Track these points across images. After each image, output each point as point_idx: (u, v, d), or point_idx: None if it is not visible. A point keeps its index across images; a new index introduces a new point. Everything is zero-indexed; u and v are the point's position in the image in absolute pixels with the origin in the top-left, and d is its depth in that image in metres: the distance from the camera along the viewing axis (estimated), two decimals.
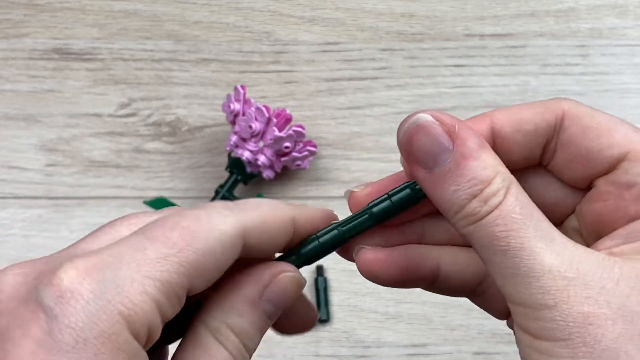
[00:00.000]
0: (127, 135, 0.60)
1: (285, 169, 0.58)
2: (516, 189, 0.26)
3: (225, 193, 0.56)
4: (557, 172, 0.29)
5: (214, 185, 0.58)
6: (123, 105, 0.61)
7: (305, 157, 0.56)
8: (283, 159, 0.56)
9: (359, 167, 0.59)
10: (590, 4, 0.63)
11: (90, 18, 0.63)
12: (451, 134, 0.26)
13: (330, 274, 0.56)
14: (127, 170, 0.59)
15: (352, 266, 0.59)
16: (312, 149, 0.57)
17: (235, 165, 0.56)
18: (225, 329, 0.27)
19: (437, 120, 0.26)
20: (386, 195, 0.29)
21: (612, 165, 0.28)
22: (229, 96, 0.57)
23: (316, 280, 0.55)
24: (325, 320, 0.55)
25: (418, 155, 0.26)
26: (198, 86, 0.61)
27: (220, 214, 0.26)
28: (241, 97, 0.56)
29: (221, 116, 0.59)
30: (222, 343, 0.26)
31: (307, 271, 0.56)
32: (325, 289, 0.55)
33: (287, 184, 0.58)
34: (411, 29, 0.62)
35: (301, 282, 0.28)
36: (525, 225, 0.25)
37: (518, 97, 0.60)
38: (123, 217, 0.27)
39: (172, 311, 0.25)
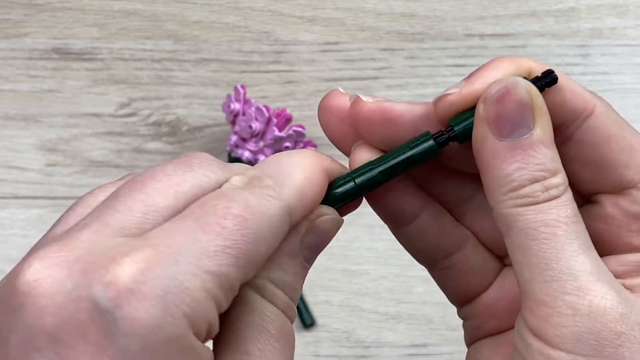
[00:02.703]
0: (127, 135, 0.60)
1: None
2: (571, 194, 0.25)
3: None
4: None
5: None
6: (123, 105, 0.61)
7: None
8: None
9: None
10: (591, 3, 0.63)
11: (90, 18, 0.63)
12: (535, 114, 0.25)
13: (330, 274, 0.56)
14: (127, 170, 0.59)
15: (353, 266, 0.59)
16: (312, 149, 0.57)
17: None
18: (270, 285, 0.25)
19: (530, 95, 0.25)
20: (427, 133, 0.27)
21: (622, 187, 0.27)
22: (229, 96, 0.57)
23: None
24: (312, 324, 0.55)
25: (500, 118, 0.25)
26: (198, 86, 0.61)
27: (265, 196, 0.24)
28: (241, 97, 0.56)
29: (221, 116, 0.59)
30: (269, 299, 0.25)
31: None
32: (301, 295, 0.55)
33: None
34: (411, 28, 0.62)
35: (339, 222, 0.27)
36: (576, 225, 0.25)
37: None
38: (151, 177, 0.24)
39: (227, 304, 0.23)
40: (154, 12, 0.63)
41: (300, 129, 0.55)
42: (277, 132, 0.55)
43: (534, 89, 0.25)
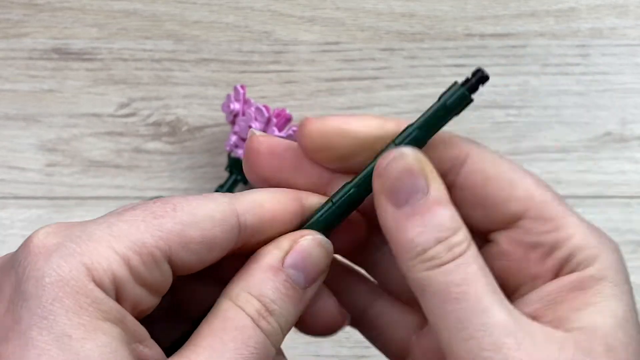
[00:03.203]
0: (127, 135, 0.60)
1: None
2: (475, 248, 0.26)
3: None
4: None
5: (214, 185, 0.58)
6: (123, 105, 0.61)
7: None
8: None
9: None
10: (591, 3, 0.63)
11: (90, 18, 0.63)
12: (427, 178, 0.26)
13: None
14: (126, 170, 0.59)
15: (352, 266, 0.59)
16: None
17: (235, 165, 0.56)
18: (244, 294, 0.26)
19: (419, 162, 0.26)
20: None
21: (511, 221, 0.28)
22: (228, 96, 0.57)
23: None
24: None
25: (394, 189, 0.26)
26: (198, 86, 0.61)
27: (211, 197, 0.26)
28: (241, 97, 0.56)
29: (221, 116, 0.59)
30: (240, 306, 0.26)
31: None
32: None
33: None
34: (411, 28, 0.62)
35: (325, 245, 0.28)
36: (484, 280, 0.25)
37: (518, 97, 0.60)
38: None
39: (149, 273, 0.24)
40: (154, 12, 0.63)
41: None
42: (276, 132, 0.55)
43: (420, 155, 0.26)
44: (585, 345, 0.25)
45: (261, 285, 0.26)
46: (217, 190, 0.56)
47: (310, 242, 0.27)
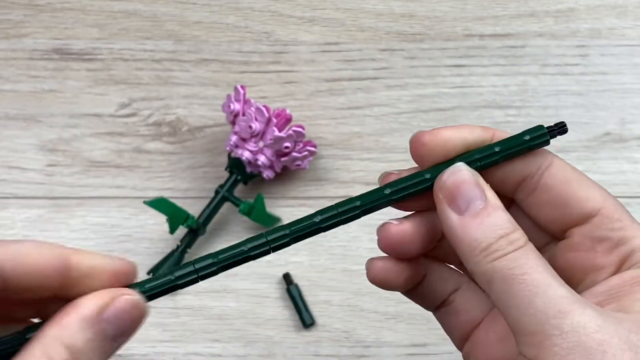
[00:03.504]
0: (128, 135, 0.60)
1: (285, 169, 0.58)
2: (532, 244, 0.30)
3: (225, 193, 0.56)
4: (531, 212, 0.34)
5: (214, 185, 0.58)
6: (123, 106, 0.61)
7: (305, 157, 0.57)
8: (283, 159, 0.56)
9: (359, 167, 0.59)
10: (590, 4, 0.63)
11: (91, 18, 0.63)
12: (482, 188, 0.31)
13: (330, 274, 0.56)
14: (127, 170, 0.59)
15: (353, 266, 0.59)
16: (312, 149, 0.57)
17: (235, 165, 0.57)
18: (55, 342, 0.27)
19: (473, 174, 0.32)
20: (264, 239, 0.33)
21: (586, 217, 0.32)
22: (229, 96, 0.57)
23: (288, 290, 0.55)
24: (312, 323, 0.55)
25: (455, 198, 0.31)
26: (198, 86, 0.61)
27: None
28: (241, 97, 0.56)
29: (221, 116, 0.60)
30: (50, 355, 0.27)
31: (277, 283, 0.56)
32: (300, 295, 0.55)
33: (287, 184, 0.59)
34: (411, 29, 0.62)
35: (142, 307, 0.30)
36: (544, 266, 0.29)
37: (518, 97, 0.60)
38: None
39: None
40: (155, 12, 0.63)
41: (300, 129, 0.56)
42: (277, 132, 0.55)
43: (472, 169, 0.32)
44: None
45: (74, 336, 0.27)
46: (217, 190, 0.57)
47: (128, 302, 0.29)
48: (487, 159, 0.32)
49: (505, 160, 0.33)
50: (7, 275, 0.28)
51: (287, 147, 0.55)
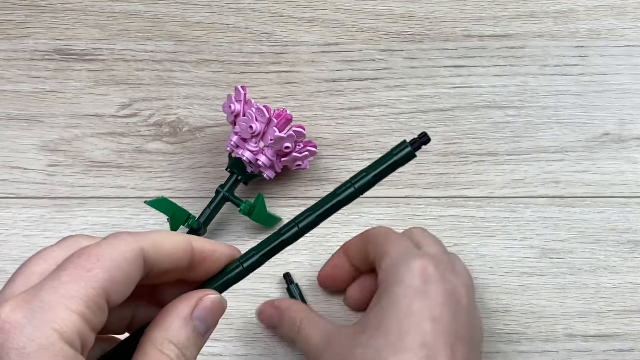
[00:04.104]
0: (128, 135, 0.60)
1: (285, 169, 0.58)
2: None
3: (225, 193, 0.57)
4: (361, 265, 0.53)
5: (215, 185, 0.58)
6: (124, 106, 0.61)
7: (305, 157, 0.57)
8: (283, 159, 0.56)
9: (359, 167, 0.59)
10: (589, 4, 0.63)
11: (92, 19, 0.63)
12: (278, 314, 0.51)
13: None
14: (128, 170, 0.59)
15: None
16: (312, 149, 0.57)
17: (236, 165, 0.57)
18: (166, 341, 0.32)
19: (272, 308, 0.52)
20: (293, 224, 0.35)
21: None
22: (229, 96, 0.57)
23: (288, 289, 0.55)
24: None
25: (267, 323, 0.53)
26: (199, 86, 0.61)
27: (120, 238, 0.32)
28: (241, 98, 0.56)
29: (222, 116, 0.60)
30: (159, 348, 0.32)
31: (277, 282, 0.56)
32: (300, 294, 0.55)
33: (287, 184, 0.59)
34: (410, 29, 0.63)
35: (222, 303, 0.35)
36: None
37: (517, 97, 0.60)
38: (35, 254, 0.33)
39: (98, 319, 0.30)
40: (155, 13, 0.63)
41: (300, 129, 0.56)
42: (277, 133, 0.55)
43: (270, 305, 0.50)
44: None
45: (178, 334, 0.33)
46: (217, 190, 0.57)
47: (211, 300, 0.34)
48: (360, 181, 0.35)
49: (378, 180, 0.35)
50: (150, 261, 0.32)
51: (287, 147, 0.56)
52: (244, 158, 0.56)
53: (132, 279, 0.32)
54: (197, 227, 0.55)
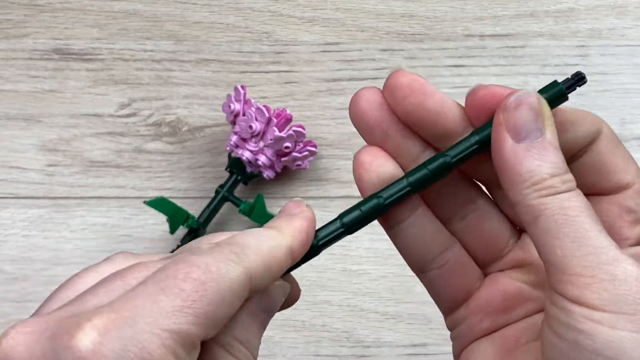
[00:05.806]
0: (128, 135, 0.60)
1: (285, 169, 0.58)
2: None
3: (225, 193, 0.56)
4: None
5: (214, 185, 0.58)
6: (123, 106, 0.61)
7: (305, 157, 0.57)
8: (283, 159, 0.56)
9: None
10: (590, 4, 0.63)
11: (91, 18, 0.63)
12: (545, 122, 0.30)
13: (330, 274, 0.56)
14: (127, 170, 0.59)
15: (352, 266, 0.59)
16: (313, 149, 0.57)
17: (236, 165, 0.57)
18: (235, 342, 0.28)
19: (543, 105, 0.31)
20: (422, 166, 0.31)
21: (620, 189, 0.32)
22: (229, 96, 0.57)
23: None
24: None
25: (517, 124, 0.29)
26: (198, 86, 0.61)
27: (228, 262, 0.27)
28: (241, 97, 0.56)
29: (221, 116, 0.60)
30: (234, 354, 0.28)
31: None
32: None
33: (287, 184, 0.59)
34: (411, 29, 0.62)
35: (285, 289, 0.31)
36: (593, 213, 0.29)
37: None
38: (132, 266, 0.27)
39: (190, 359, 0.25)
40: (155, 12, 0.63)
41: (300, 129, 0.56)
42: (277, 132, 0.55)
43: (542, 99, 0.31)
44: None
45: (246, 332, 0.28)
46: (217, 190, 0.57)
47: (275, 288, 0.30)
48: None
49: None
50: (256, 283, 0.28)
51: (287, 147, 0.56)
52: (244, 158, 0.56)
53: (231, 312, 0.27)
54: (197, 227, 0.55)
